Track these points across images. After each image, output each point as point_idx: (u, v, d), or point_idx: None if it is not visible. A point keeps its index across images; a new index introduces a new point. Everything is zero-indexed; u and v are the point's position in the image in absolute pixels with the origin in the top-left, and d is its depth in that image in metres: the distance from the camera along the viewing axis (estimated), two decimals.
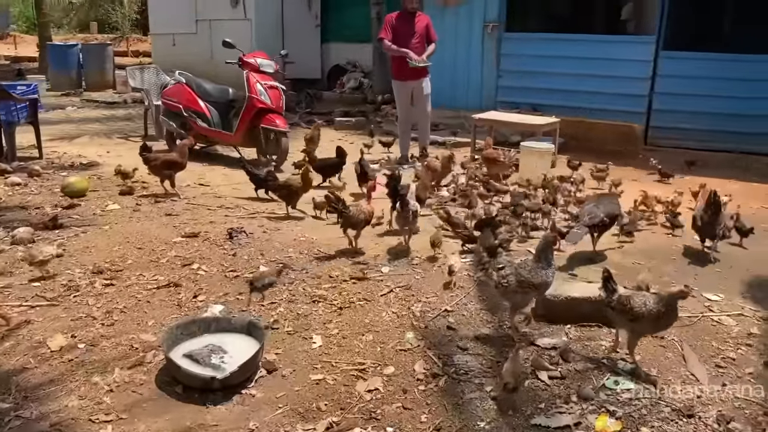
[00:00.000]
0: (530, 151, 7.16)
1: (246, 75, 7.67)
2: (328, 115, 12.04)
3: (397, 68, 7.81)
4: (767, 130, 8.62)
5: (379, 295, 4.11)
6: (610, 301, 3.34)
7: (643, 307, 3.19)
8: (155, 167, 6.41)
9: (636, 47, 9.29)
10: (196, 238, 5.06)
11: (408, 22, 7.67)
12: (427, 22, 7.86)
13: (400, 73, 7.80)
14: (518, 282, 3.50)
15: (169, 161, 6.46)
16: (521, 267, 3.56)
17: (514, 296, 3.56)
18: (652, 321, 3.20)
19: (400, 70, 7.75)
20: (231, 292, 4.13)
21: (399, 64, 7.73)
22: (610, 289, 3.36)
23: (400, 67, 7.73)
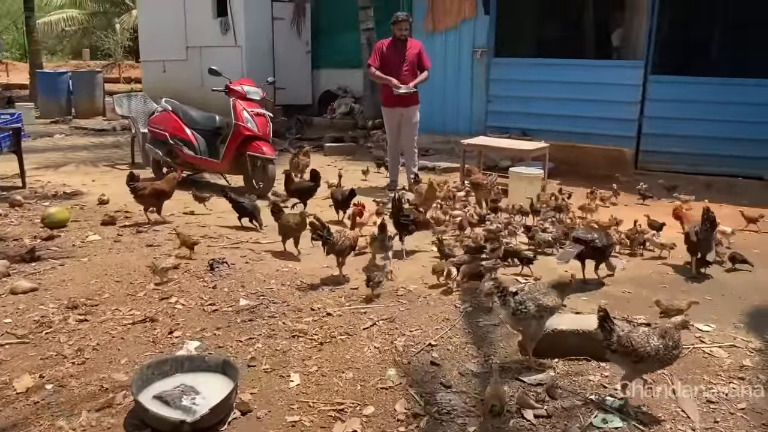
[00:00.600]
0: (519, 176, 7.09)
1: (233, 102, 7.62)
2: (319, 140, 12.01)
3: (386, 95, 7.79)
4: (756, 153, 8.61)
5: (362, 329, 3.99)
6: (609, 343, 3.11)
7: (647, 346, 3.00)
8: (143, 196, 6.32)
9: (625, 71, 9.30)
10: (176, 270, 4.94)
11: (398, 50, 7.66)
12: (419, 49, 7.85)
13: (388, 100, 7.78)
14: (537, 307, 3.40)
15: (157, 190, 6.37)
16: (533, 292, 3.52)
17: (531, 323, 3.43)
18: (659, 359, 3.03)
19: (389, 96, 7.72)
20: (208, 327, 4.00)
21: (387, 91, 7.71)
22: (608, 330, 3.13)
23: (388, 94, 7.71)
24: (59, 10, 26.84)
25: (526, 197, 6.63)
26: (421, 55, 7.81)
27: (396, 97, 7.61)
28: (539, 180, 7.17)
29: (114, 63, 26.67)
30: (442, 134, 10.57)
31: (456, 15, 10.30)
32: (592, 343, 3.58)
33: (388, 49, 7.67)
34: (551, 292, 3.55)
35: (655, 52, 8.95)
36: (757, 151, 8.60)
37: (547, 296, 3.50)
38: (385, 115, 8.01)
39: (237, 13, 13.93)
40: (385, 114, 8.01)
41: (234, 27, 14.00)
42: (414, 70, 7.73)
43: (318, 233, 4.90)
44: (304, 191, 6.85)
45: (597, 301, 4.46)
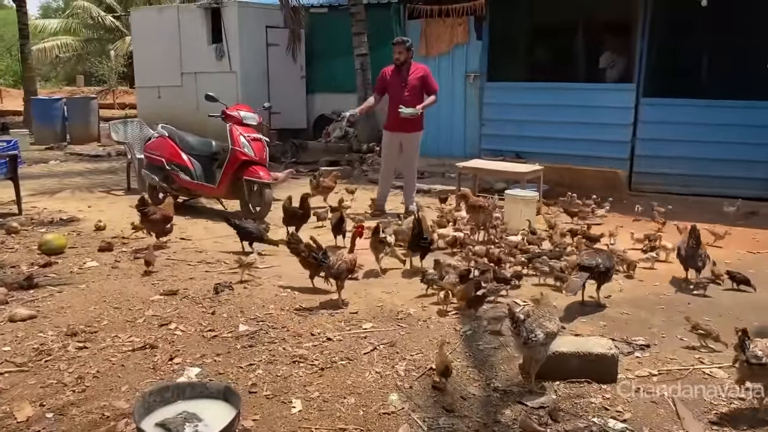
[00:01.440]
0: (515, 199, 7.14)
1: (229, 128, 7.66)
2: (314, 164, 12.06)
3: (388, 118, 7.83)
4: (748, 174, 8.71)
5: (363, 354, 3.98)
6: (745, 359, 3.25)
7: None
8: (154, 221, 6.38)
9: (617, 94, 9.43)
10: (175, 296, 4.93)
11: (398, 75, 7.72)
12: (424, 73, 7.83)
13: (390, 124, 7.81)
14: (545, 334, 3.44)
15: (166, 215, 6.51)
16: (539, 318, 3.53)
17: (539, 350, 3.46)
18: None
19: (391, 120, 7.76)
20: (208, 353, 3.98)
21: (390, 115, 7.76)
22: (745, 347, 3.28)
23: (391, 117, 7.75)
24: (53, 37, 27.02)
25: (525, 219, 6.70)
26: (426, 79, 7.79)
27: (398, 121, 7.64)
28: (535, 202, 7.22)
29: (108, 89, 26.78)
30: (436, 157, 10.65)
31: (449, 41, 10.44)
32: (593, 366, 3.61)
33: (391, 75, 7.75)
34: (554, 317, 3.60)
35: (646, 76, 9.09)
36: (747, 172, 8.70)
37: (552, 321, 3.54)
38: (386, 139, 8.01)
39: (232, 39, 14.05)
40: (385, 138, 8.01)
41: (229, 53, 14.12)
42: (418, 95, 7.71)
43: (313, 256, 4.93)
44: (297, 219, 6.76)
45: (596, 323, 4.51)
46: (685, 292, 5.20)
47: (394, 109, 7.64)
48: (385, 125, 8.00)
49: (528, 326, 3.45)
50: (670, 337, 4.28)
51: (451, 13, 10.32)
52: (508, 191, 7.44)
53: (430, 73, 7.93)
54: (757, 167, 8.72)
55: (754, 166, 8.73)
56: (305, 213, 6.78)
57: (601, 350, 3.64)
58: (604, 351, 3.63)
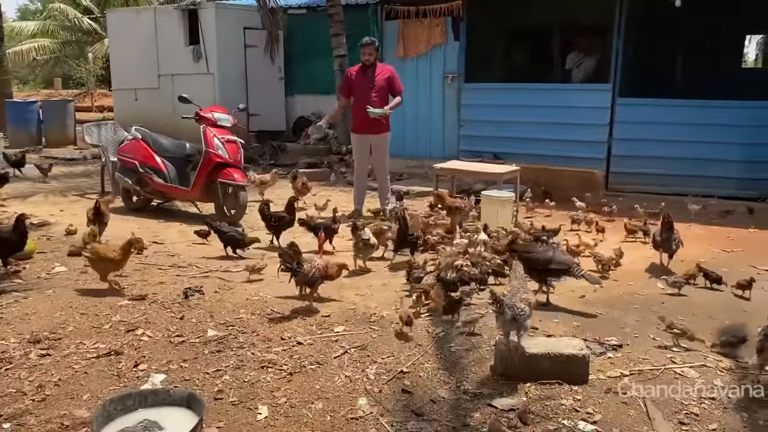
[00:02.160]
0: (491, 200, 7.12)
1: (203, 129, 7.56)
2: (293, 166, 11.95)
3: (355, 121, 7.75)
4: (722, 173, 8.77)
5: (333, 357, 3.92)
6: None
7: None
8: None
9: (593, 95, 9.45)
10: (144, 301, 4.84)
11: (366, 75, 7.64)
12: (390, 74, 7.78)
13: (358, 126, 7.73)
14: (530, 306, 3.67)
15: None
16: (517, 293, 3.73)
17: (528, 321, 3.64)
18: None
19: (359, 122, 7.68)
20: (175, 359, 3.90)
21: (357, 117, 7.67)
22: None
23: (358, 119, 7.67)
24: (31, 39, 26.64)
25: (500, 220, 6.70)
26: (393, 80, 7.75)
27: (366, 124, 7.57)
28: (511, 203, 7.20)
29: (86, 92, 26.46)
30: (415, 158, 10.63)
31: (426, 42, 10.42)
32: (564, 367, 3.58)
33: (357, 75, 7.65)
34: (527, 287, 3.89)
35: (623, 76, 9.12)
36: (722, 171, 8.77)
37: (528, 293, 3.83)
38: (355, 142, 7.93)
39: (209, 40, 13.94)
40: (354, 140, 7.93)
41: (206, 54, 14.00)
42: (384, 96, 7.68)
43: (287, 264, 4.85)
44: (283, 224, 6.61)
45: (569, 324, 4.48)
46: (659, 291, 5.19)
47: (361, 111, 7.52)
48: (352, 128, 7.86)
49: (510, 303, 3.59)
50: (643, 337, 4.26)
51: (428, 14, 10.30)
52: (484, 192, 7.42)
53: (395, 73, 7.87)
54: (732, 166, 8.78)
55: (729, 165, 8.79)
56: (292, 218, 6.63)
57: (572, 351, 3.61)
58: (575, 352, 3.60)
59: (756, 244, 6.79)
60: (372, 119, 7.43)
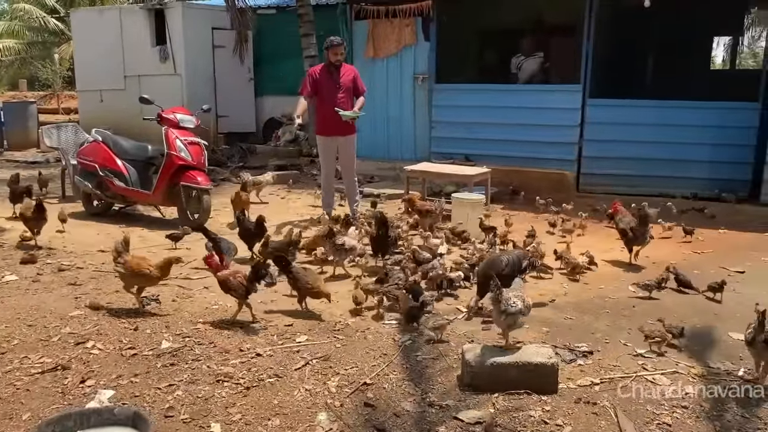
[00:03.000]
0: (462, 202, 7.00)
1: (165, 131, 7.32)
2: (262, 168, 11.74)
3: (322, 122, 7.54)
4: (692, 174, 8.77)
5: (294, 370, 3.74)
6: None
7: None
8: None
9: (564, 96, 9.38)
10: (97, 311, 4.60)
11: (332, 75, 7.45)
12: (354, 74, 7.66)
13: (325, 128, 7.53)
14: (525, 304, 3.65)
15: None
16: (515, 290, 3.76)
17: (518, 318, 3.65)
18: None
19: (325, 124, 7.48)
20: (125, 373, 3.69)
21: (323, 118, 7.47)
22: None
23: (324, 121, 7.47)
24: None
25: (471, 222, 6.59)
26: (357, 80, 7.59)
27: (334, 125, 7.38)
28: (481, 205, 7.09)
29: (53, 93, 25.85)
30: (386, 160, 10.48)
31: (396, 42, 10.27)
32: (532, 376, 3.45)
33: (321, 75, 7.44)
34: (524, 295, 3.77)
35: (592, 77, 9.08)
36: (692, 172, 8.77)
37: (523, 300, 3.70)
38: (321, 144, 7.70)
39: (176, 41, 13.64)
40: (320, 143, 7.70)
41: (173, 55, 13.69)
42: (351, 96, 7.51)
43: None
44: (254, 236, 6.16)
45: (538, 329, 4.36)
46: (630, 294, 5.11)
47: (327, 113, 7.30)
48: (318, 130, 7.62)
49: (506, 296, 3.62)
50: (614, 343, 4.16)
51: (398, 14, 10.16)
52: (455, 194, 7.30)
53: (358, 73, 7.72)
54: (702, 167, 8.78)
55: (699, 166, 8.79)
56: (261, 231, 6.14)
57: (541, 359, 3.48)
58: (544, 360, 3.48)
59: (725, 245, 6.77)
60: (339, 120, 7.25)
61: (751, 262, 6.06)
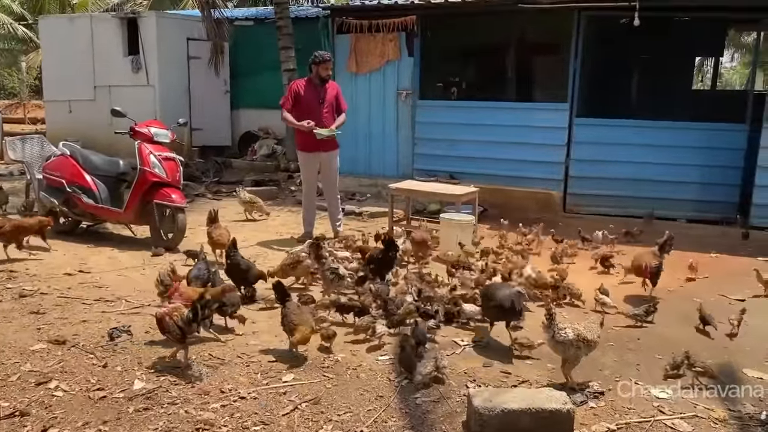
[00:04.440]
0: (450, 223, 6.72)
1: (138, 146, 6.93)
2: (238, 183, 11.35)
3: (304, 138, 7.21)
4: (680, 196, 8.64)
5: (281, 415, 3.39)
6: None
7: None
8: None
9: (551, 114, 9.18)
10: (62, 345, 4.19)
11: (317, 90, 7.16)
12: (337, 91, 7.41)
13: (307, 144, 7.20)
14: (576, 335, 3.62)
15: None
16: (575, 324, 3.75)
17: (569, 349, 3.63)
18: None
19: (307, 140, 7.16)
20: (93, 420, 3.30)
21: (304, 135, 7.13)
22: None
23: (306, 136, 7.16)
24: None
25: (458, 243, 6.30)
26: (339, 98, 7.36)
27: (316, 141, 7.09)
28: (471, 226, 6.82)
29: (19, 103, 25.09)
30: (368, 177, 10.17)
31: (379, 57, 10.00)
32: (546, 423, 3.16)
33: (306, 91, 7.14)
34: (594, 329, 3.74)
35: (580, 96, 8.92)
36: (680, 193, 8.64)
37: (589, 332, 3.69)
38: (303, 161, 7.38)
39: (149, 51, 13.18)
40: (302, 159, 7.38)
41: (146, 66, 13.23)
42: (333, 113, 7.25)
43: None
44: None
45: (543, 366, 4.08)
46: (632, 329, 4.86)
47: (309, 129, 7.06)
48: (300, 146, 7.29)
49: (559, 324, 3.66)
50: (625, 380, 3.88)
51: (381, 29, 9.89)
52: (444, 215, 7.03)
53: (340, 90, 7.46)
54: (690, 188, 8.65)
55: (687, 187, 8.65)
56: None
57: (555, 406, 3.19)
58: (559, 407, 3.19)
59: (720, 271, 6.59)
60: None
61: (749, 289, 5.88)
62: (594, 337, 3.66)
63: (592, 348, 3.71)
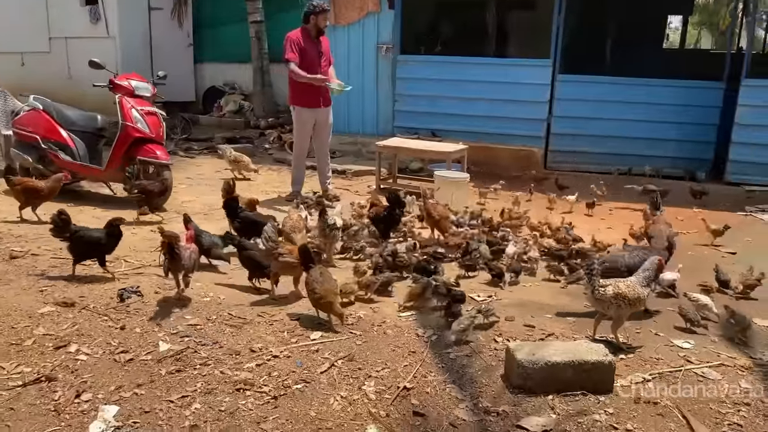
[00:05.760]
0: (447, 181, 6.68)
1: (119, 100, 6.61)
2: (209, 141, 11.03)
3: (304, 94, 6.96)
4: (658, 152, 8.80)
5: (319, 373, 3.33)
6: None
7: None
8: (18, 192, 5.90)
9: (533, 71, 9.17)
10: (72, 308, 4.00)
11: (315, 43, 6.94)
12: (328, 43, 7.25)
13: (309, 100, 6.97)
14: (615, 293, 3.59)
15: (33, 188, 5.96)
16: (620, 281, 3.71)
17: (609, 307, 3.64)
18: None
19: (308, 96, 6.94)
20: (126, 384, 3.17)
21: (306, 89, 6.91)
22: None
23: (307, 92, 6.93)
24: None
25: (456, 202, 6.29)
26: (329, 51, 7.24)
27: (316, 96, 6.93)
28: (466, 184, 6.81)
29: None
30: (347, 135, 9.99)
31: (359, 9, 9.73)
32: (589, 375, 3.20)
33: (305, 43, 6.90)
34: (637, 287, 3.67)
35: (562, 52, 8.90)
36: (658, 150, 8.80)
37: (631, 288, 3.64)
38: (301, 117, 7.13)
39: (109, 1, 12.51)
40: (300, 116, 7.12)
41: (106, 16, 12.57)
42: (329, 66, 7.13)
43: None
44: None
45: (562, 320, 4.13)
46: None
47: (309, 83, 6.84)
48: (298, 101, 7.05)
49: (604, 283, 3.65)
50: (645, 332, 3.97)
51: None
52: (438, 172, 6.97)
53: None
54: (668, 145, 8.83)
55: (665, 144, 8.83)
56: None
57: (597, 357, 3.23)
58: (600, 358, 3.23)
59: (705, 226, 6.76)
60: (320, 91, 6.85)
61: (739, 243, 6.07)
62: (635, 295, 3.63)
63: (636, 306, 3.69)
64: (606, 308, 3.66)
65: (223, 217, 5.79)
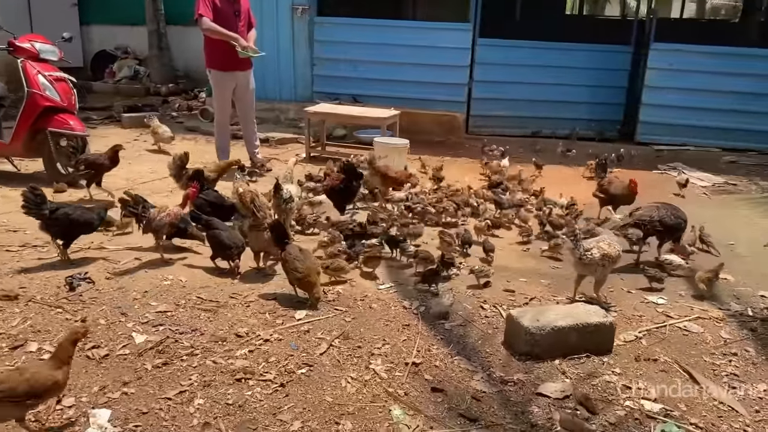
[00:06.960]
0: (386, 147, 6.53)
1: (22, 64, 5.88)
2: (108, 110, 10.17)
3: (221, 55, 6.49)
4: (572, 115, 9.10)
5: (319, 355, 3.14)
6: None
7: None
8: None
9: (453, 34, 9.11)
10: (16, 301, 3.52)
11: (231, 1, 6.47)
12: (247, 4, 6.79)
13: (224, 62, 6.51)
14: (602, 255, 3.63)
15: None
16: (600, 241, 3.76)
17: (597, 269, 3.68)
18: None
19: (226, 58, 6.48)
20: (109, 383, 2.83)
21: (223, 51, 6.44)
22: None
23: (224, 54, 6.46)
24: None
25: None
26: (249, 11, 6.80)
27: (236, 59, 6.47)
28: (406, 150, 6.70)
29: None
30: (264, 101, 9.51)
31: None
32: (592, 337, 3.24)
33: (221, 1, 6.41)
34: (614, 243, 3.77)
35: (483, 15, 8.91)
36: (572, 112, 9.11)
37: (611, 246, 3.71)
38: (218, 81, 6.68)
39: None
40: (217, 79, 6.67)
41: None
42: (247, 27, 6.69)
43: (130, 209, 4.16)
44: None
45: (538, 282, 4.16)
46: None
47: (226, 44, 6.36)
48: (216, 64, 6.60)
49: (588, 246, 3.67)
50: (617, 290, 4.08)
51: None
52: (378, 139, 6.79)
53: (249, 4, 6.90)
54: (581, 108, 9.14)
55: (578, 107, 9.14)
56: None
57: (598, 319, 3.27)
58: (601, 320, 3.27)
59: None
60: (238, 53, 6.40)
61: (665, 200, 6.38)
62: (617, 252, 3.73)
63: (616, 263, 3.79)
64: (593, 271, 3.70)
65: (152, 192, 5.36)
